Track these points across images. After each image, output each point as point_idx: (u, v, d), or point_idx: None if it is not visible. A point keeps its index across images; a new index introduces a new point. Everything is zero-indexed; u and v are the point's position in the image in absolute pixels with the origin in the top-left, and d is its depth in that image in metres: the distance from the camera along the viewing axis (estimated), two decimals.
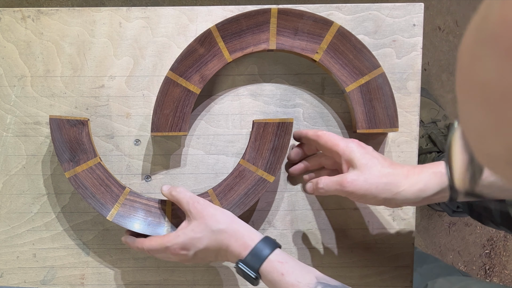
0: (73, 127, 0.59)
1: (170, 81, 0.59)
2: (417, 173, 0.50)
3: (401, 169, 0.51)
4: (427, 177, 0.50)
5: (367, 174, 0.51)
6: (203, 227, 0.52)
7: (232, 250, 0.52)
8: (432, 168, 0.50)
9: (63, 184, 0.64)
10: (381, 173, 0.51)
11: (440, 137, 1.12)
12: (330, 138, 0.55)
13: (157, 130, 0.60)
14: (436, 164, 0.51)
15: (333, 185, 0.53)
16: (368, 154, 0.52)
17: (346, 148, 0.53)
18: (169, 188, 0.58)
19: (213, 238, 0.52)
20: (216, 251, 0.53)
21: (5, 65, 0.63)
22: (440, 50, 1.24)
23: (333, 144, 0.54)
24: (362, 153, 0.52)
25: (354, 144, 0.54)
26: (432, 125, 1.14)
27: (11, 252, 0.65)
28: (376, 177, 0.50)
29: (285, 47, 0.60)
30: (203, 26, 0.63)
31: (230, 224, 0.53)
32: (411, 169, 0.51)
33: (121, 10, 0.63)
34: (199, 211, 0.53)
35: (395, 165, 0.52)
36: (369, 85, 0.59)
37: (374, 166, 0.51)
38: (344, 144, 0.54)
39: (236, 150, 0.64)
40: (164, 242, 0.54)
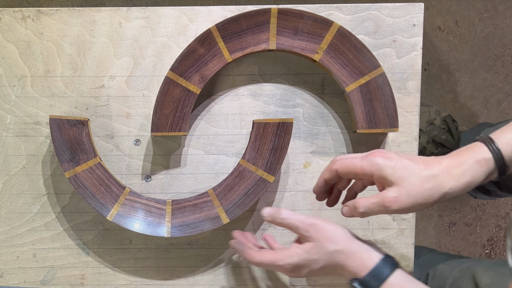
0: (73, 127, 0.59)
1: (170, 81, 0.59)
2: (459, 166, 0.46)
3: (439, 166, 0.47)
4: (473, 169, 0.46)
5: (407, 187, 0.46)
6: (319, 249, 0.50)
7: (349, 269, 0.49)
8: (474, 157, 0.46)
9: (63, 184, 0.64)
10: (421, 180, 0.46)
11: (444, 135, 1.11)
12: (348, 165, 0.50)
13: (157, 130, 0.60)
14: (475, 149, 0.47)
15: (375, 207, 0.48)
16: (398, 165, 0.47)
17: (372, 168, 0.48)
18: (270, 213, 0.53)
19: (329, 259, 0.50)
20: (331, 271, 0.51)
21: (5, 65, 0.63)
22: (440, 50, 1.24)
23: (356, 170, 0.49)
24: (392, 167, 0.47)
25: (379, 159, 0.48)
26: (430, 127, 1.13)
27: (11, 252, 0.65)
28: (418, 186, 0.46)
29: (285, 47, 0.60)
30: (203, 26, 0.63)
31: (346, 244, 0.50)
32: (451, 161, 0.47)
33: (121, 10, 0.63)
34: (312, 234, 0.50)
35: (432, 163, 0.47)
36: (369, 85, 0.60)
37: (411, 176, 0.47)
38: (369, 164, 0.48)
39: (236, 150, 0.64)
40: (275, 261, 0.51)
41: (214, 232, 0.65)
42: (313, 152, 0.64)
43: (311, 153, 0.64)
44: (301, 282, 0.66)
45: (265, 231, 0.65)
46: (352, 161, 0.49)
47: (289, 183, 0.65)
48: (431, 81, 1.22)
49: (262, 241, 0.62)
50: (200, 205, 0.60)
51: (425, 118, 1.15)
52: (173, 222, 0.60)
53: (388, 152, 0.49)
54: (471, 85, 1.24)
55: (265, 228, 0.65)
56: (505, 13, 1.25)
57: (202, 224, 0.60)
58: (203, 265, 0.66)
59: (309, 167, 0.64)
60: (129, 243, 0.65)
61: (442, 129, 1.13)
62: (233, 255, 0.66)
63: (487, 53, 1.25)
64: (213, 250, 0.65)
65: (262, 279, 0.66)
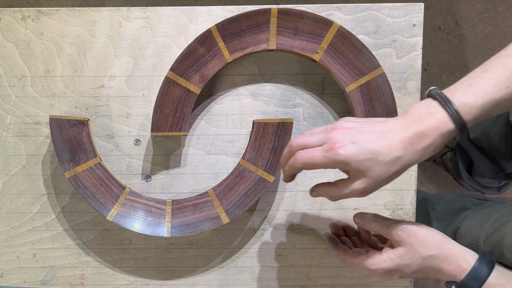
0: (73, 127, 0.59)
1: (170, 81, 0.59)
2: (422, 139, 0.44)
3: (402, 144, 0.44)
4: (436, 141, 0.44)
5: (374, 176, 0.46)
6: (412, 254, 0.49)
7: (445, 273, 0.49)
8: (437, 130, 0.44)
9: (63, 184, 0.64)
10: (387, 166, 0.45)
11: None
12: (310, 163, 0.48)
13: (157, 130, 0.60)
14: (435, 116, 0.44)
15: (345, 196, 0.49)
16: (361, 156, 0.45)
17: (336, 164, 0.46)
18: (362, 219, 0.53)
19: (423, 264, 0.49)
20: (424, 274, 0.50)
21: (5, 65, 0.63)
22: (440, 50, 1.24)
23: (319, 167, 0.48)
24: (356, 160, 0.45)
25: (341, 154, 0.45)
26: None
27: (11, 252, 0.65)
28: (385, 172, 0.45)
29: (285, 47, 0.60)
30: (203, 26, 0.63)
31: (441, 248, 0.48)
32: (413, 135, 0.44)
33: (121, 10, 0.63)
34: (404, 239, 0.49)
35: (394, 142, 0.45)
36: (369, 85, 0.60)
37: (377, 164, 0.45)
38: (331, 161, 0.46)
39: (236, 150, 0.64)
40: (368, 265, 0.51)
41: (214, 232, 0.65)
42: None
43: None
44: (301, 282, 0.66)
45: (265, 231, 0.65)
46: (312, 158, 0.47)
47: (289, 183, 0.65)
48: (431, 81, 1.22)
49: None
50: (200, 205, 0.60)
51: None
52: (173, 222, 0.60)
53: (347, 131, 0.46)
54: None
55: (265, 228, 0.65)
56: (505, 13, 1.25)
57: (202, 224, 0.60)
58: (203, 265, 0.66)
59: None
60: (129, 243, 0.65)
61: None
62: (234, 255, 0.66)
63: (487, 53, 1.25)
64: (213, 250, 0.65)
65: (262, 279, 0.66)
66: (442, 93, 0.44)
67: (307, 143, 0.48)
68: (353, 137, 0.45)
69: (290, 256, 0.66)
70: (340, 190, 0.48)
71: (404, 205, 0.65)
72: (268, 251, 0.66)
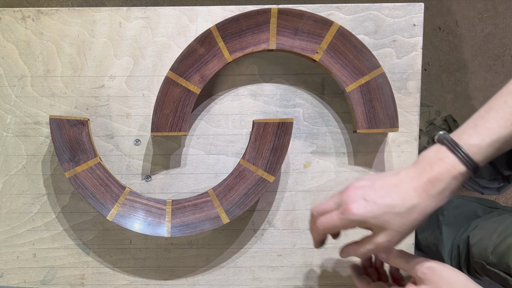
0: (73, 127, 0.59)
1: (170, 81, 0.59)
2: (435, 184, 0.45)
3: (415, 193, 0.46)
4: (450, 185, 0.45)
5: (395, 227, 0.46)
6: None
7: None
8: (449, 173, 0.44)
9: (63, 184, 0.64)
10: (405, 216, 0.46)
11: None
12: (330, 228, 0.49)
13: (157, 130, 0.60)
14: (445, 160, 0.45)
15: (372, 252, 0.49)
16: (377, 212, 0.46)
17: (354, 224, 0.48)
18: (386, 254, 0.52)
19: None
20: None
21: (5, 65, 0.63)
22: (440, 50, 1.24)
23: (339, 229, 0.50)
24: (372, 216, 0.47)
25: (356, 213, 0.47)
26: (431, 127, 1.14)
27: (11, 252, 0.65)
28: (404, 222, 0.46)
29: (285, 47, 0.60)
30: (203, 26, 0.63)
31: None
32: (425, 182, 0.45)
33: (121, 10, 0.63)
34: (429, 277, 0.49)
35: (406, 192, 0.46)
36: (369, 85, 0.60)
37: (395, 216, 0.46)
38: (349, 222, 0.48)
39: (236, 150, 0.64)
40: None
41: (214, 232, 0.65)
42: (313, 152, 0.64)
43: (311, 153, 0.64)
44: (301, 282, 0.66)
45: (265, 231, 0.65)
46: (331, 222, 0.49)
47: (289, 183, 0.65)
48: (431, 81, 1.22)
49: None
50: (200, 205, 0.60)
51: (425, 118, 1.15)
52: (173, 222, 0.60)
53: (359, 190, 0.47)
54: (471, 85, 1.24)
55: (265, 228, 0.65)
56: (505, 13, 1.25)
57: (202, 224, 0.60)
58: (203, 265, 0.66)
59: (309, 167, 0.65)
60: (129, 243, 0.65)
61: (443, 129, 1.13)
62: (234, 255, 0.66)
63: (487, 53, 1.25)
64: (213, 250, 0.65)
65: (262, 279, 0.66)
66: (450, 137, 0.45)
67: (325, 209, 0.50)
68: (365, 195, 0.47)
69: (290, 256, 0.66)
70: (366, 247, 0.49)
71: None
72: (268, 251, 0.66)
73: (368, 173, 0.64)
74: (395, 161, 0.64)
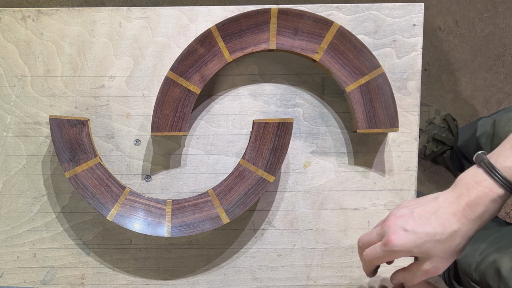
0: (73, 127, 0.59)
1: (170, 81, 0.59)
2: (474, 209, 0.45)
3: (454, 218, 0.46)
4: (490, 208, 0.44)
5: (439, 254, 0.47)
6: None
7: None
8: (487, 196, 0.44)
9: (63, 184, 0.64)
10: (447, 242, 0.46)
11: (444, 133, 1.11)
12: (377, 261, 0.50)
13: (157, 130, 0.60)
14: (482, 183, 0.45)
15: (421, 278, 0.49)
16: (418, 241, 0.46)
17: (399, 255, 0.48)
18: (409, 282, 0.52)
19: None
20: None
21: (5, 65, 0.63)
22: (440, 50, 1.24)
23: (386, 261, 0.50)
24: (414, 246, 0.47)
25: (397, 244, 0.47)
26: (430, 126, 1.14)
27: (11, 252, 0.65)
28: (448, 248, 0.46)
29: (285, 47, 0.60)
30: (203, 26, 0.63)
31: None
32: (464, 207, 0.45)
33: (121, 10, 0.63)
34: None
35: (446, 219, 0.46)
36: (369, 85, 0.60)
37: (436, 243, 0.46)
38: (393, 254, 0.48)
39: (236, 150, 0.64)
40: None
41: (214, 232, 0.65)
42: (313, 152, 0.64)
43: (311, 153, 0.64)
44: (301, 282, 0.66)
45: (265, 231, 0.65)
46: (375, 254, 0.49)
47: (289, 183, 0.65)
48: (431, 81, 1.22)
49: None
50: (200, 205, 0.60)
51: (425, 118, 1.15)
52: (173, 222, 0.60)
53: (398, 220, 0.47)
54: (471, 85, 1.24)
55: (265, 228, 0.65)
56: (505, 13, 1.25)
57: (202, 224, 0.60)
58: (203, 265, 0.66)
59: (309, 167, 0.65)
60: (129, 243, 0.65)
61: (442, 127, 1.13)
62: (234, 255, 0.66)
63: (487, 53, 1.25)
64: (213, 250, 0.65)
65: (262, 279, 0.66)
66: (487, 159, 0.45)
67: (369, 240, 0.51)
68: (405, 225, 0.47)
69: (290, 256, 0.66)
70: (414, 274, 0.49)
71: None
72: (268, 251, 0.66)
73: (368, 173, 0.64)
74: (395, 161, 0.64)
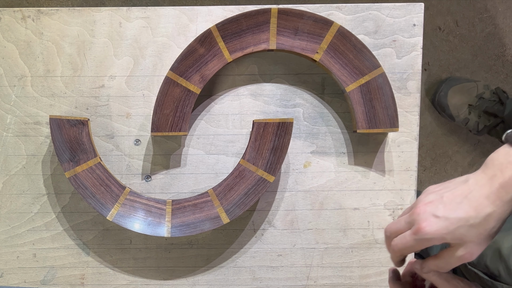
0: (73, 127, 0.59)
1: (170, 81, 0.59)
2: (509, 190, 0.43)
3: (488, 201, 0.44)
4: None
5: (473, 239, 0.45)
6: None
7: None
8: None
9: (63, 184, 0.64)
10: (481, 226, 0.44)
11: (496, 106, 1.11)
12: (407, 251, 0.48)
13: (157, 130, 0.60)
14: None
15: (454, 265, 0.47)
16: (451, 227, 0.45)
17: (431, 242, 0.46)
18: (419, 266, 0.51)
19: None
20: None
21: (5, 65, 0.63)
22: (440, 50, 1.24)
23: (417, 250, 0.48)
24: (447, 232, 0.45)
25: (429, 232, 0.45)
26: (480, 101, 1.13)
27: (11, 252, 0.65)
28: (482, 232, 0.44)
29: (285, 47, 0.60)
30: (203, 26, 0.63)
31: None
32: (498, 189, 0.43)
33: (121, 10, 0.63)
34: None
35: (479, 202, 0.44)
36: (369, 85, 0.60)
37: (470, 228, 0.44)
38: (425, 242, 0.46)
39: (236, 150, 0.64)
40: None
41: (214, 232, 0.65)
42: (313, 152, 0.64)
43: (311, 153, 0.64)
44: (301, 282, 0.66)
45: (265, 231, 0.65)
46: (405, 244, 0.46)
47: (289, 183, 0.65)
48: (431, 81, 1.22)
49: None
50: (200, 205, 0.60)
51: (474, 93, 1.14)
52: (173, 222, 0.60)
53: (428, 206, 0.45)
54: None
55: (265, 228, 0.65)
56: (505, 13, 1.25)
57: (202, 224, 0.60)
58: (203, 265, 0.66)
59: (309, 167, 0.65)
60: (129, 243, 0.65)
61: (493, 101, 1.12)
62: (234, 255, 0.66)
63: (487, 53, 1.25)
64: (213, 250, 0.65)
65: (262, 279, 0.66)
66: None
67: (397, 229, 0.48)
68: (435, 211, 0.45)
69: (290, 256, 0.66)
70: (447, 261, 0.47)
71: (404, 205, 0.65)
72: (268, 251, 0.66)
73: (368, 173, 0.64)
74: (395, 161, 0.64)
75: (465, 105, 1.14)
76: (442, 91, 1.16)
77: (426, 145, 1.25)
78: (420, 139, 0.81)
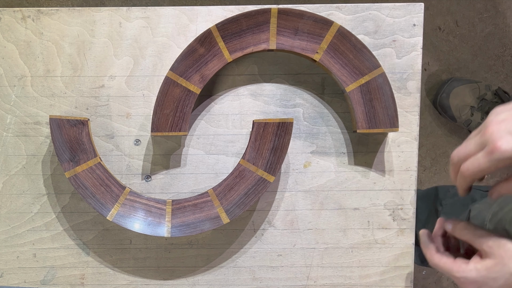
0: (73, 127, 0.59)
1: (170, 81, 0.59)
2: None
3: None
4: None
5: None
6: (500, 268, 0.46)
7: None
8: None
9: (63, 184, 0.65)
10: None
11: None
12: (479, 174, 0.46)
13: (157, 130, 0.60)
14: None
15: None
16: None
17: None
18: (453, 225, 0.51)
19: (511, 280, 0.46)
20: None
21: (5, 65, 0.63)
22: (440, 50, 1.24)
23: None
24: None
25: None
26: (483, 102, 1.13)
27: (11, 252, 0.65)
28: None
29: (285, 47, 0.60)
30: (203, 26, 0.63)
31: None
32: None
33: (121, 10, 0.63)
34: (494, 251, 0.46)
35: None
36: (369, 85, 0.60)
37: None
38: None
39: (236, 150, 0.64)
40: (453, 270, 0.49)
41: (214, 232, 0.65)
42: (313, 152, 0.64)
43: (311, 153, 0.64)
44: (301, 282, 0.66)
45: (265, 231, 0.65)
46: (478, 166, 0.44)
47: (289, 183, 0.65)
48: (431, 81, 1.22)
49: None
50: (200, 205, 0.60)
51: (476, 95, 1.14)
52: (173, 222, 0.60)
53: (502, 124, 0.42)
54: None
55: (265, 228, 0.65)
56: (505, 13, 1.25)
57: (202, 224, 0.60)
58: (203, 265, 0.66)
59: (309, 167, 0.65)
60: (129, 243, 0.65)
61: (495, 102, 1.12)
62: (234, 255, 0.66)
63: (487, 53, 1.25)
64: (213, 250, 0.66)
65: (262, 279, 0.66)
66: None
67: (467, 152, 0.46)
68: (511, 128, 0.42)
69: (290, 256, 0.66)
70: None
71: (404, 205, 0.65)
72: (268, 251, 0.66)
73: (368, 173, 0.64)
74: (395, 161, 0.64)
75: (467, 107, 1.14)
76: (444, 93, 1.16)
77: (426, 145, 1.26)
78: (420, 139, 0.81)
